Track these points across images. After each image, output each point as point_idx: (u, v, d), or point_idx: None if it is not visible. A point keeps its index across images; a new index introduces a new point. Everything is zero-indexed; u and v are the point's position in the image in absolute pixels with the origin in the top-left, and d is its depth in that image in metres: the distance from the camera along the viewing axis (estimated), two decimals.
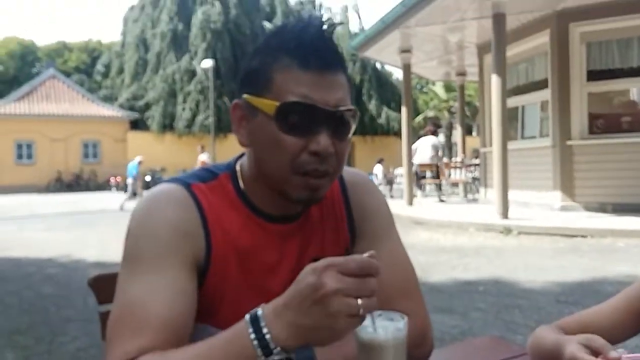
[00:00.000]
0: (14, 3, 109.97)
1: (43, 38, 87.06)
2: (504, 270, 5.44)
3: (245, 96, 0.89)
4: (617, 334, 1.01)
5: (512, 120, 10.60)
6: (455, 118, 26.19)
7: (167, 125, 30.50)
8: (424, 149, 13.01)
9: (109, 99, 32.55)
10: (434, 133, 13.77)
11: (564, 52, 9.34)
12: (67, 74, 36.12)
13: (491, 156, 9.76)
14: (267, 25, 32.37)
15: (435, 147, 13.04)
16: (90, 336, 3.63)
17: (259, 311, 0.70)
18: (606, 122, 9.40)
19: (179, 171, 25.02)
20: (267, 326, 0.68)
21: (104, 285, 1.04)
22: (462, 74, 15.13)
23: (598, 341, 0.81)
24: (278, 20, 32.94)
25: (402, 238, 1.07)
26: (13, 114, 28.41)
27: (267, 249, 0.93)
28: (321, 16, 0.88)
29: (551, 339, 0.92)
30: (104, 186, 28.61)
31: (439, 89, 30.76)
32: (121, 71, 34.25)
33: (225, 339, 0.71)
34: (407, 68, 12.49)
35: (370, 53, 13.27)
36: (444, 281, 5.03)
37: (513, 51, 9.99)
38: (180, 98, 30.76)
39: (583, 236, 7.23)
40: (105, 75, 35.89)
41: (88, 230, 10.09)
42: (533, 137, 10.51)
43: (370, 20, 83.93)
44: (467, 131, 21.42)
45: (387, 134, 32.39)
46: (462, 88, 15.89)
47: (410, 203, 12.00)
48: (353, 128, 0.89)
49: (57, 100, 30.33)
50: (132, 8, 35.17)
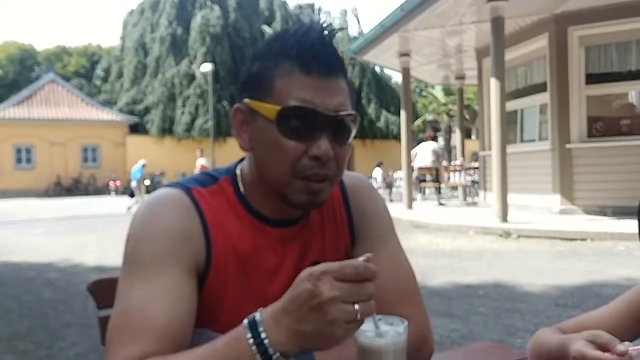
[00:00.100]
0: (13, 7, 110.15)
1: (42, 42, 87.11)
2: (504, 273, 5.44)
3: (246, 100, 0.90)
4: (617, 338, 1.01)
5: (511, 123, 10.61)
6: (454, 121, 26.21)
7: (167, 129, 30.52)
8: (424, 154, 13.09)
9: (109, 103, 32.55)
10: (434, 138, 13.87)
11: (563, 56, 9.36)
12: (67, 78, 36.14)
13: (490, 159, 9.77)
14: (266, 29, 32.42)
15: (435, 153, 13.14)
16: (89, 341, 3.63)
17: (257, 316, 0.69)
18: (605, 125, 9.42)
19: (179, 175, 25.07)
20: (266, 331, 0.68)
21: (103, 290, 1.04)
22: (461, 78, 15.16)
23: (604, 336, 0.80)
24: (277, 24, 32.99)
25: (402, 242, 1.07)
26: (12, 119, 28.41)
27: (268, 253, 0.93)
28: (322, 21, 0.88)
29: (555, 339, 0.92)
30: (104, 190, 28.59)
31: (438, 93, 30.79)
32: (120, 75, 34.28)
33: (223, 344, 0.71)
34: (406, 72, 12.52)
35: (369, 57, 13.29)
36: (444, 285, 5.02)
37: (512, 55, 10.01)
38: (179, 102, 30.79)
39: (583, 239, 7.23)
40: (104, 79, 35.91)
41: (87, 234, 10.08)
42: (532, 141, 10.52)
43: (369, 24, 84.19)
44: (466, 134, 21.45)
45: (387, 138, 32.43)
46: (461, 91, 15.92)
47: (409, 206, 12.01)
48: (353, 133, 0.90)
49: (57, 104, 30.33)
50: (132, 12, 35.24)
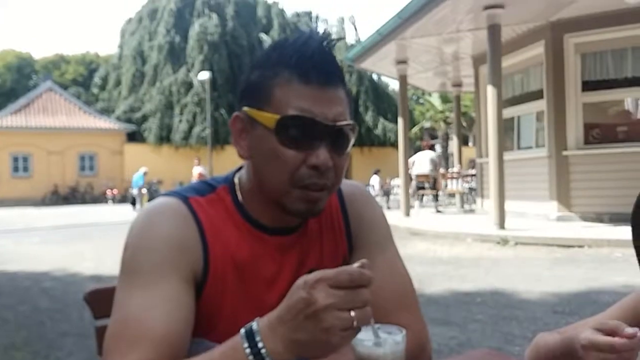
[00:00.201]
0: (11, 16, 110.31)
1: (40, 50, 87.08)
2: (501, 281, 5.43)
3: (245, 109, 0.90)
4: None
5: (508, 130, 10.64)
6: (451, 129, 26.25)
7: (164, 137, 30.50)
8: (422, 163, 13.21)
9: (106, 112, 32.53)
10: (432, 147, 14.00)
11: (559, 63, 9.40)
12: (64, 87, 36.12)
13: (487, 167, 9.79)
14: (264, 37, 32.50)
15: (433, 162, 13.29)
16: (86, 351, 3.61)
17: (254, 325, 0.69)
18: (602, 132, 9.45)
19: (176, 183, 25.04)
20: (263, 340, 0.68)
21: (100, 299, 1.04)
22: (458, 85, 15.21)
23: (611, 322, 0.81)
24: (275, 32, 33.08)
25: (399, 249, 1.07)
26: (9, 127, 28.36)
27: (266, 262, 0.93)
28: (322, 31, 0.89)
29: (558, 338, 0.92)
30: (101, 199, 28.50)
31: (435, 100, 30.86)
32: (118, 83, 34.28)
33: (220, 354, 0.71)
34: (404, 79, 12.57)
35: (366, 64, 13.34)
36: (442, 292, 5.02)
37: (508, 62, 10.06)
38: (177, 110, 30.79)
39: (580, 246, 7.23)
40: (102, 87, 35.89)
41: (84, 243, 10.04)
42: (529, 148, 10.54)
43: (366, 32, 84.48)
44: (463, 142, 21.49)
45: (384, 145, 32.45)
46: (458, 99, 15.97)
47: (407, 214, 12.01)
48: (352, 142, 0.90)
49: (54, 112, 30.30)
50: (129, 21, 35.31)
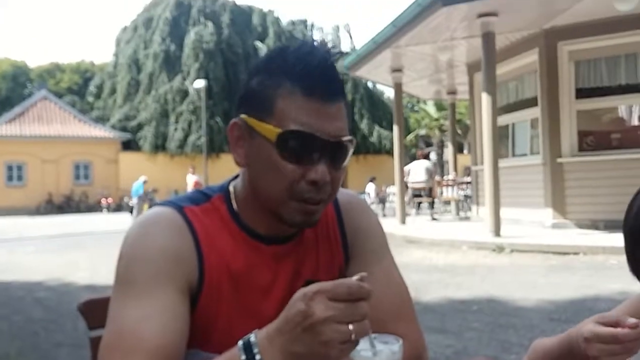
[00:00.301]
0: (6, 24, 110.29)
1: (35, 59, 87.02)
2: (497, 288, 5.43)
3: (244, 117, 0.89)
4: None
5: (503, 138, 10.68)
6: (446, 136, 26.35)
7: (160, 145, 30.47)
8: (418, 172, 13.29)
9: (101, 120, 32.51)
10: (427, 157, 14.09)
11: (553, 71, 9.45)
12: (59, 95, 36.09)
13: (483, 174, 9.80)
14: (260, 45, 32.61)
15: (428, 171, 13.39)
16: None
17: (252, 337, 0.69)
18: (596, 139, 9.49)
19: (171, 191, 24.97)
20: (260, 353, 0.67)
21: (94, 310, 1.03)
22: (453, 93, 15.26)
23: (612, 315, 0.83)
24: (270, 40, 33.19)
25: (395, 257, 1.06)
26: (4, 136, 28.29)
27: (261, 271, 0.92)
28: (325, 43, 0.88)
29: (558, 338, 0.93)
30: (95, 207, 28.41)
31: (430, 108, 30.99)
32: (113, 92, 34.28)
33: None
34: (399, 87, 12.62)
35: (361, 72, 13.39)
36: (438, 300, 5.01)
37: (503, 69, 10.11)
38: (172, 118, 30.79)
39: (575, 253, 7.24)
40: (97, 96, 35.88)
41: (79, 252, 9.99)
42: (524, 155, 10.58)
43: (361, 40, 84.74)
44: (459, 149, 21.49)
45: (379, 153, 32.52)
46: (453, 106, 16.02)
47: (403, 222, 12.01)
48: (349, 156, 0.90)
49: (49, 121, 30.25)
50: (125, 29, 35.38)
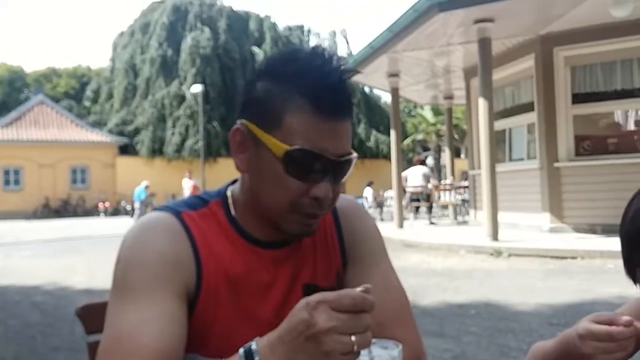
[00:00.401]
0: (2, 29, 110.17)
1: (32, 64, 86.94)
2: (495, 292, 5.43)
3: (248, 124, 0.88)
4: None
5: (500, 142, 10.70)
6: (443, 141, 26.38)
7: (157, 150, 30.45)
8: (415, 178, 13.31)
9: (98, 125, 32.46)
10: (423, 162, 14.15)
11: (549, 76, 9.48)
12: (56, 100, 36.05)
13: (480, 178, 9.83)
14: (256, 50, 32.66)
15: (426, 177, 13.43)
16: None
17: (254, 345, 0.69)
18: (592, 144, 9.52)
19: (169, 196, 24.94)
20: None
21: (92, 315, 1.03)
22: (450, 98, 15.30)
23: (606, 314, 0.84)
24: (267, 45, 33.24)
25: (393, 261, 1.06)
26: (1, 140, 28.22)
27: (259, 275, 0.92)
28: (338, 58, 0.86)
29: (556, 340, 0.94)
30: (93, 212, 28.35)
31: (427, 113, 31.05)
32: (110, 96, 34.25)
33: None
34: (396, 92, 12.65)
35: (358, 77, 13.40)
36: (436, 304, 5.01)
37: (499, 75, 10.14)
38: (169, 123, 30.79)
39: (573, 257, 7.25)
40: (94, 100, 35.84)
41: (76, 256, 9.96)
42: (521, 160, 10.60)
43: (358, 45, 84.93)
44: (456, 153, 21.57)
45: (377, 157, 32.53)
46: (450, 111, 16.07)
47: (400, 226, 12.01)
48: (350, 171, 0.90)
49: (46, 126, 30.20)
50: (122, 34, 35.38)
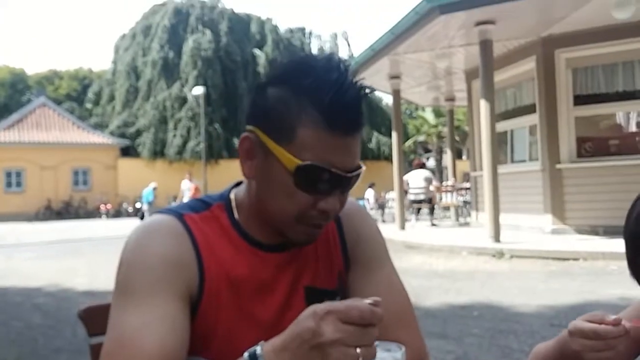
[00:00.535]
0: (4, 31, 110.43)
1: (33, 66, 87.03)
2: (498, 294, 5.43)
3: (259, 133, 0.87)
4: None
5: (502, 144, 10.69)
6: (444, 142, 26.38)
7: (158, 152, 30.49)
8: (417, 181, 13.35)
9: (100, 127, 32.53)
10: (423, 166, 14.20)
11: (551, 78, 9.48)
12: (58, 102, 36.12)
13: (482, 180, 9.82)
14: (258, 52, 32.72)
15: (427, 180, 13.47)
16: None
17: (258, 349, 0.69)
18: (594, 146, 9.51)
19: (170, 197, 24.94)
20: None
21: (94, 317, 1.03)
22: (451, 99, 15.30)
23: (598, 313, 0.87)
24: (268, 48, 33.29)
25: (395, 262, 1.06)
26: (3, 142, 28.29)
27: (261, 278, 0.92)
28: (354, 72, 0.86)
29: (555, 340, 0.96)
30: (94, 214, 28.38)
31: (428, 115, 31.05)
32: (112, 99, 34.32)
33: None
34: (397, 94, 12.65)
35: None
36: (438, 306, 5.00)
37: (501, 77, 10.13)
38: (171, 125, 30.83)
39: (575, 259, 7.24)
40: (96, 102, 35.92)
41: (77, 258, 9.97)
42: (523, 161, 10.59)
43: (359, 47, 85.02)
44: (457, 155, 21.55)
45: (378, 159, 32.51)
46: (452, 113, 16.05)
47: (402, 227, 12.01)
48: (358, 182, 0.90)
49: (48, 128, 30.27)
50: (123, 36, 35.45)
